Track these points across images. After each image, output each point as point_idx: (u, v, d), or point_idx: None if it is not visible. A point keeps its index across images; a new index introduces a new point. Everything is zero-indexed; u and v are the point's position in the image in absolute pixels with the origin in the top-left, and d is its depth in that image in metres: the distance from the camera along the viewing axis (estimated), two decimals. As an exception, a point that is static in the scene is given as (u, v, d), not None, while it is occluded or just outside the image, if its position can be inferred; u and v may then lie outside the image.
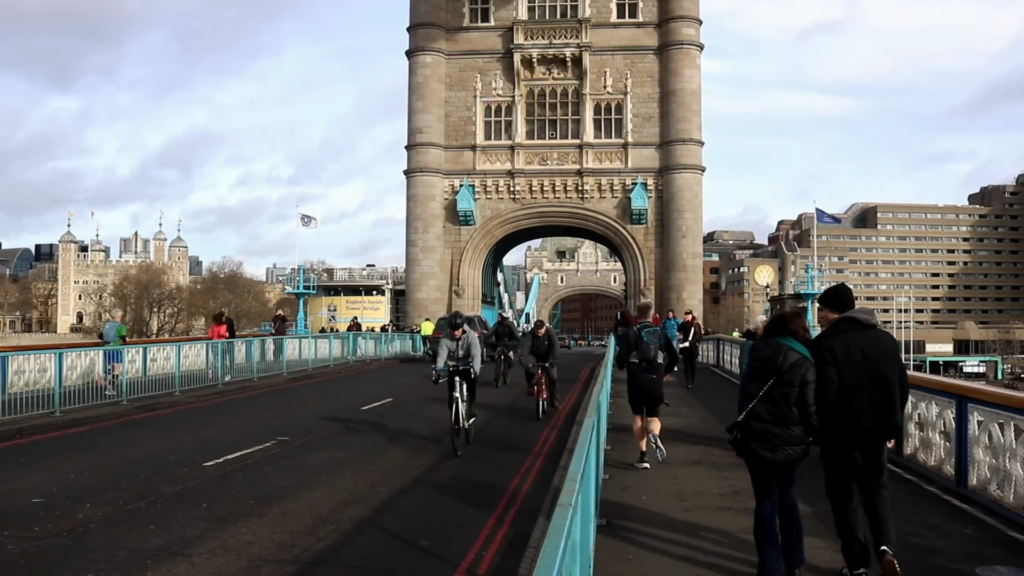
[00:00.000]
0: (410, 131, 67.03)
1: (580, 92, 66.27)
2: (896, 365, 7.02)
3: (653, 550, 7.87)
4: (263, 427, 16.37)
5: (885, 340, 7.15)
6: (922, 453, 11.50)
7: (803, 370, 6.80)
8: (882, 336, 7.18)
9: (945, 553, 7.89)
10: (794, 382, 6.77)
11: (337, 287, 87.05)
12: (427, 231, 66.34)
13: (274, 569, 7.62)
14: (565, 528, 3.55)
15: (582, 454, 5.30)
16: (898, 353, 7.26)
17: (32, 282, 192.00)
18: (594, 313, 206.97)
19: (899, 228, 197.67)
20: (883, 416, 6.88)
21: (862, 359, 6.82)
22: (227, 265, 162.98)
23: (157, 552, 8.04)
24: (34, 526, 8.89)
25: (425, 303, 65.91)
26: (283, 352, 31.10)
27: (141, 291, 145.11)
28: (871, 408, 6.82)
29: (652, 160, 65.33)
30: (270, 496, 10.43)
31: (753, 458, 6.88)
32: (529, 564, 7.02)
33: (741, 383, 7.53)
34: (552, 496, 9.44)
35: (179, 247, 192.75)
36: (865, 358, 6.83)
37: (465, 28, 67.00)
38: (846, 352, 6.87)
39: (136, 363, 22.21)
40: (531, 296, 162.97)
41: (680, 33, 64.96)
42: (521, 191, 66.23)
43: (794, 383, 6.77)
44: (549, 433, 16.59)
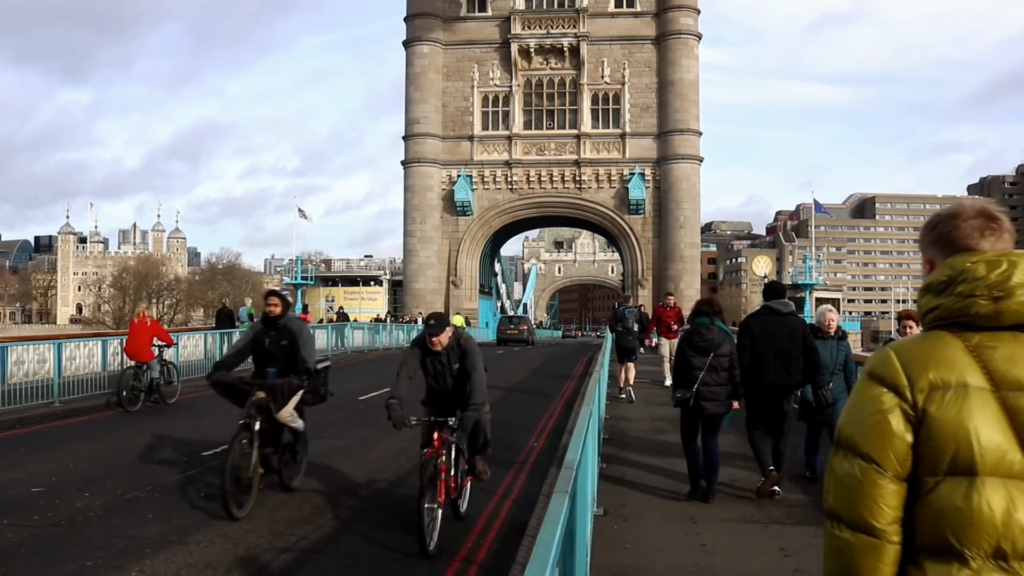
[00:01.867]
0: (407, 121, 67.02)
1: (578, 82, 66.24)
2: (799, 344, 9.43)
3: (651, 537, 7.91)
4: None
5: (793, 323, 9.63)
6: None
7: (730, 344, 9.40)
8: (793, 321, 9.70)
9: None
10: (725, 354, 9.27)
11: (335, 278, 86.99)
12: (425, 222, 66.38)
13: (271, 557, 7.65)
14: (561, 516, 3.56)
15: (578, 442, 5.31)
16: (803, 334, 9.56)
17: (32, 274, 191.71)
18: (592, 304, 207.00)
19: (897, 219, 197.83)
20: (782, 379, 9.42)
21: (772, 336, 9.33)
22: (225, 256, 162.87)
23: (155, 540, 8.06)
24: (33, 515, 8.91)
25: (423, 294, 65.98)
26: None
27: (140, 282, 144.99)
28: (773, 372, 9.36)
29: (650, 150, 65.33)
30: (266, 486, 10.44)
31: (696, 413, 9.29)
32: (526, 552, 7.04)
33: (678, 358, 9.69)
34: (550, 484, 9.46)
35: (177, 238, 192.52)
36: (774, 336, 9.34)
37: (462, 18, 66.95)
38: (760, 330, 9.49)
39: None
40: (529, 287, 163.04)
41: (678, 23, 64.92)
42: (519, 181, 66.23)
43: (725, 354, 9.27)
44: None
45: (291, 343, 9.78)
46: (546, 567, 2.90)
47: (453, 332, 8.52)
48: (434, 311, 9.56)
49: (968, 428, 2.19)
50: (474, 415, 8.15)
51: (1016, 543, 2.14)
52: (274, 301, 10.10)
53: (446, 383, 8.64)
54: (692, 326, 9.75)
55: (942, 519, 2.20)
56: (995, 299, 2.27)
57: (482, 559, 7.73)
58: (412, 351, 8.61)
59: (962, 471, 2.20)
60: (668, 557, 7.43)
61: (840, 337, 10.25)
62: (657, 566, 7.16)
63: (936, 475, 2.23)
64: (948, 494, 2.20)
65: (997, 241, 2.42)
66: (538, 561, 2.93)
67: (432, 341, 8.35)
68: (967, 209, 2.52)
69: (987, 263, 2.33)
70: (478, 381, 8.35)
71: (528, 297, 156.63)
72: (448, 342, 8.43)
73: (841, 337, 10.23)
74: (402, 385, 8.37)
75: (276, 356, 9.80)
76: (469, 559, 7.70)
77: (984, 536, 2.16)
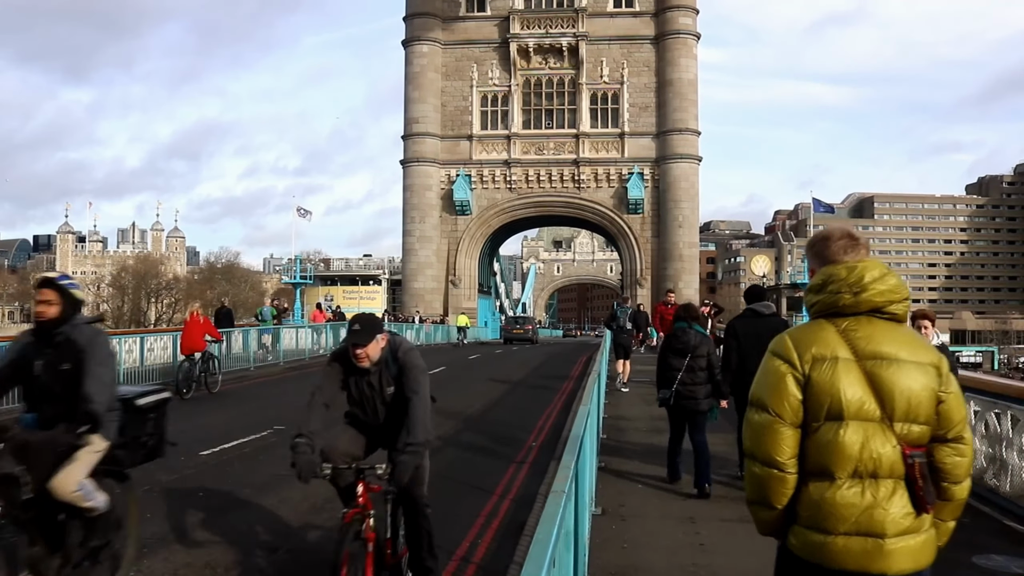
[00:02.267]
0: (406, 121, 67.01)
1: (577, 82, 66.24)
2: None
3: (649, 536, 7.90)
4: (259, 416, 16.38)
5: (775, 324, 9.68)
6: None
7: (707, 346, 9.92)
8: (775, 321, 10.08)
9: (940, 541, 7.91)
10: (702, 355, 9.76)
11: (334, 277, 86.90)
12: (424, 221, 66.35)
13: (270, 557, 7.64)
14: (558, 516, 3.55)
15: (576, 442, 5.30)
16: None
17: (30, 273, 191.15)
18: (591, 303, 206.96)
19: (896, 218, 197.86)
20: None
21: (755, 337, 9.18)
22: (224, 255, 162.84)
23: (153, 540, 8.04)
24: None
25: (422, 293, 65.97)
26: (280, 342, 31.10)
27: (139, 281, 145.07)
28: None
29: (648, 150, 65.32)
30: (266, 485, 10.43)
31: (679, 411, 9.92)
32: (524, 552, 7.02)
33: (660, 360, 10.19)
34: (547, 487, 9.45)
35: (176, 237, 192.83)
36: (757, 336, 9.11)
37: (461, 17, 66.93)
38: (744, 331, 9.75)
39: (134, 353, 22.20)
40: (528, 286, 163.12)
41: (677, 22, 64.90)
42: (518, 181, 66.23)
43: (702, 355, 9.76)
44: None
45: (75, 367, 5.77)
46: (543, 567, 2.89)
47: (388, 341, 5.98)
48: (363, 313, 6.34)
49: (838, 387, 3.22)
50: (412, 461, 5.60)
51: (867, 465, 3.19)
52: (46, 296, 5.86)
53: (376, 413, 6.10)
54: (671, 330, 10.44)
55: (821, 451, 3.23)
56: (854, 293, 3.34)
57: (480, 558, 7.71)
58: (331, 369, 5.99)
59: (834, 417, 3.22)
60: (666, 556, 7.42)
61: None
62: (655, 565, 7.15)
63: (818, 421, 3.25)
64: (825, 433, 3.23)
65: (856, 255, 3.51)
66: (535, 561, 2.92)
67: (356, 354, 5.80)
68: (836, 232, 3.63)
69: (847, 269, 3.40)
70: (419, 410, 5.77)
71: (527, 296, 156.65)
72: (380, 355, 5.90)
73: None
74: (314, 417, 5.78)
75: (51, 389, 5.84)
76: (467, 558, 7.68)
77: (847, 461, 3.20)
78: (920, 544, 3.23)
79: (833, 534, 3.20)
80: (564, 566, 4.01)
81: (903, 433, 3.23)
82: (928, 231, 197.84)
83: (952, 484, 3.30)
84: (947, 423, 3.29)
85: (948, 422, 3.29)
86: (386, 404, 6.04)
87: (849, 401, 3.20)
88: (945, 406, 3.29)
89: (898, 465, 3.21)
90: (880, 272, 3.37)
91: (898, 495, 3.20)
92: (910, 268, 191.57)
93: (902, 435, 3.22)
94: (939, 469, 3.28)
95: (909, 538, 3.20)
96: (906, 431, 3.23)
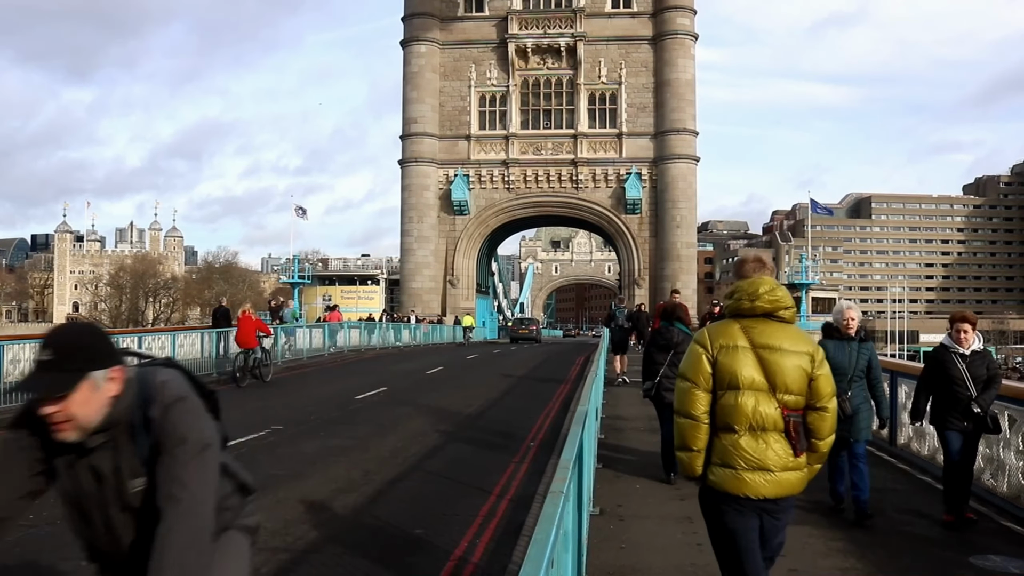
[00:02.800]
0: (405, 121, 67.03)
1: (575, 82, 66.26)
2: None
3: (647, 536, 7.91)
4: (257, 416, 16.37)
5: None
6: (915, 443, 11.53)
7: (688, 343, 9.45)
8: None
9: (938, 542, 7.94)
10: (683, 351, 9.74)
11: (332, 277, 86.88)
12: (422, 221, 66.36)
13: (267, 557, 7.62)
14: (556, 516, 3.56)
15: (575, 442, 5.31)
16: None
17: (28, 272, 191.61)
18: (589, 303, 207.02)
19: (893, 218, 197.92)
20: None
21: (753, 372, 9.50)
22: (222, 255, 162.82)
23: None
24: (29, 514, 8.88)
25: (420, 293, 65.97)
26: (277, 342, 31.07)
27: (137, 281, 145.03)
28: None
29: (646, 150, 65.36)
30: (264, 484, 10.40)
31: (662, 401, 10.43)
32: (522, 552, 7.03)
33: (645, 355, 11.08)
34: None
35: (174, 237, 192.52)
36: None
37: (460, 18, 66.94)
38: None
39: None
40: (526, 286, 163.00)
41: (674, 23, 64.93)
42: (516, 181, 66.25)
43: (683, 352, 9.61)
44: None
45: None
46: (541, 567, 2.89)
47: (127, 382, 3.06)
48: (69, 325, 3.10)
49: (736, 367, 4.49)
50: None
51: (758, 422, 4.44)
52: None
53: (112, 532, 3.17)
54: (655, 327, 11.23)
55: (726, 412, 4.50)
56: (751, 301, 4.60)
57: (478, 559, 7.71)
58: (13, 442, 3.06)
59: (734, 388, 4.49)
60: (664, 556, 7.43)
61: (862, 339, 8.90)
62: (653, 566, 7.16)
63: (722, 389, 4.52)
64: (727, 398, 4.50)
65: (761, 273, 4.78)
66: (533, 561, 2.92)
67: (50, 416, 2.93)
68: (750, 256, 5.05)
69: (748, 283, 4.67)
70: (177, 542, 2.89)
71: (525, 296, 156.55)
72: (111, 413, 3.02)
73: (863, 339, 8.92)
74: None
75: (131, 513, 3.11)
76: (465, 558, 7.69)
77: (743, 419, 4.46)
78: (795, 477, 4.54)
79: (737, 469, 4.46)
80: (562, 566, 4.02)
81: (782, 400, 4.48)
82: (926, 231, 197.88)
83: (817, 439, 4.57)
84: (817, 396, 4.54)
85: (817, 395, 4.54)
86: (131, 513, 3.10)
87: (744, 377, 4.48)
88: (816, 383, 4.54)
89: (779, 422, 4.47)
90: (770, 287, 4.61)
91: (780, 443, 4.47)
92: (907, 268, 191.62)
93: (782, 401, 4.48)
94: (809, 428, 4.54)
95: (788, 472, 4.49)
96: (784, 399, 4.48)
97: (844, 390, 8.32)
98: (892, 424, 12.28)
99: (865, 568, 7.06)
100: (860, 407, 8.64)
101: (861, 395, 8.72)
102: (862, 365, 8.69)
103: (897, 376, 12.32)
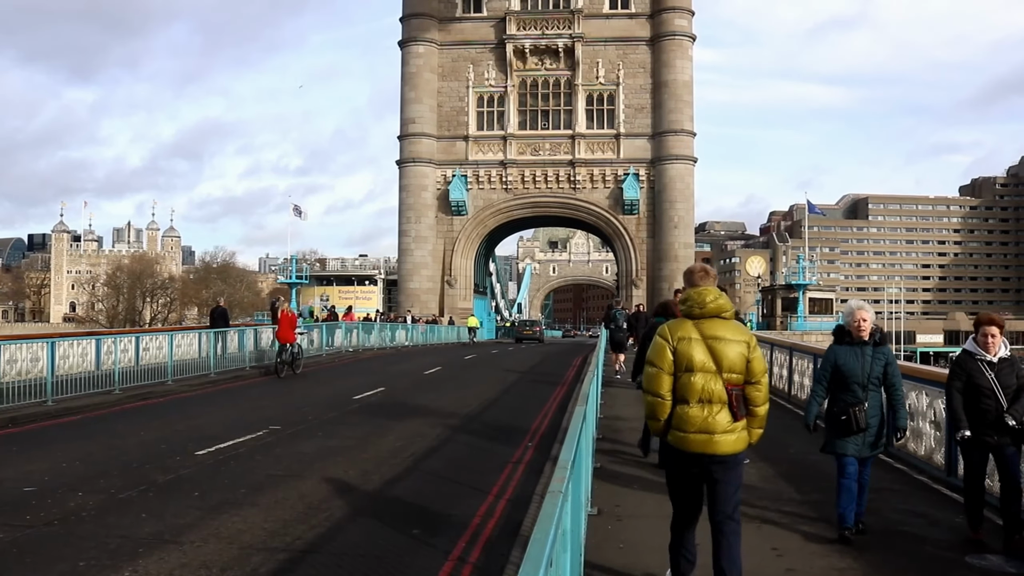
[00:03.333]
0: (403, 121, 67.07)
1: (572, 83, 66.32)
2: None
3: (645, 536, 7.92)
4: (255, 416, 16.39)
5: None
6: (912, 443, 11.53)
7: None
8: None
9: (935, 541, 7.94)
10: None
11: (329, 277, 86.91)
12: (419, 221, 66.39)
13: (266, 557, 7.64)
14: (555, 516, 3.57)
15: (573, 442, 5.32)
16: None
17: (25, 272, 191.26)
18: (586, 304, 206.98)
19: (890, 219, 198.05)
20: None
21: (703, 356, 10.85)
22: (219, 255, 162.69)
23: (149, 540, 8.05)
24: (26, 515, 8.89)
25: (417, 293, 65.99)
26: (275, 342, 31.02)
27: (134, 281, 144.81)
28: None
29: (644, 151, 65.44)
30: (262, 485, 10.43)
31: None
32: (520, 552, 7.04)
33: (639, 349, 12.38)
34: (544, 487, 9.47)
35: (172, 237, 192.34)
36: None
37: (458, 18, 66.99)
38: None
39: (129, 352, 22.20)
40: (523, 286, 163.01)
41: (672, 24, 65.01)
42: (513, 181, 66.30)
43: None
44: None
45: None
46: (540, 566, 2.90)
47: None
48: None
49: (691, 354, 5.74)
50: None
51: (706, 396, 5.70)
52: None
53: None
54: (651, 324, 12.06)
55: (682, 388, 5.75)
56: (700, 307, 5.89)
57: (476, 559, 7.73)
58: None
59: (689, 370, 5.74)
60: (662, 557, 7.41)
61: (877, 342, 7.95)
62: (651, 566, 7.16)
63: (680, 371, 5.76)
64: (684, 379, 5.74)
65: (706, 282, 6.10)
66: (532, 561, 2.93)
67: None
68: (697, 266, 6.42)
69: (697, 292, 5.98)
70: None
71: (523, 297, 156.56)
72: None
73: (878, 342, 7.96)
74: None
75: None
76: (463, 559, 7.70)
77: (695, 393, 5.72)
78: (735, 438, 5.81)
79: (688, 432, 5.79)
80: (561, 566, 4.02)
81: (727, 378, 5.79)
82: (922, 232, 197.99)
83: (755, 407, 5.87)
84: (752, 374, 5.85)
85: (752, 373, 5.86)
86: None
87: (697, 361, 5.79)
88: (751, 364, 5.85)
89: (723, 395, 5.78)
90: (714, 296, 5.96)
91: (723, 412, 5.77)
92: (904, 269, 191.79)
93: (726, 379, 5.79)
94: (747, 398, 5.84)
95: (729, 435, 5.78)
96: (728, 377, 5.79)
97: (858, 400, 7.76)
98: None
99: (861, 568, 7.07)
100: (873, 420, 7.86)
101: (877, 406, 7.92)
102: (877, 372, 7.84)
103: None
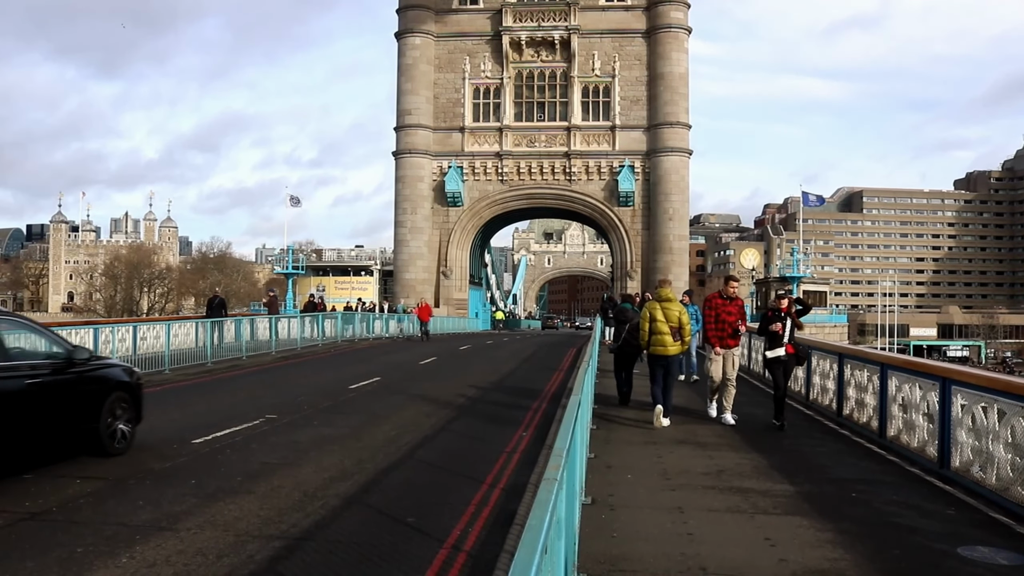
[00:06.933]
0: (399, 112, 67.03)
1: (568, 75, 66.31)
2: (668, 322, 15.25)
3: (638, 525, 7.97)
4: (251, 405, 16.42)
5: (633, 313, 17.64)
6: (905, 435, 11.60)
7: (636, 319, 16.00)
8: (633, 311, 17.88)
9: (927, 533, 7.99)
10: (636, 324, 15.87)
11: (326, 267, 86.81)
12: (415, 212, 66.40)
13: (261, 544, 7.67)
14: (550, 503, 3.60)
15: (567, 430, 5.35)
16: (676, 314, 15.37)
17: (23, 262, 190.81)
18: (581, 295, 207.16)
19: (885, 212, 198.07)
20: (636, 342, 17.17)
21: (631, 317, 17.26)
22: (216, 245, 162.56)
23: (145, 527, 8.09)
24: (25, 501, 8.93)
25: (413, 283, 66.01)
26: (272, 331, 31.09)
27: (131, 271, 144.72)
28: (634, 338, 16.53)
29: (639, 143, 65.48)
30: (258, 473, 10.47)
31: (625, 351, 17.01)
32: (514, 540, 7.08)
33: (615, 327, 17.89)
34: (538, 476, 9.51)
35: (169, 227, 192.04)
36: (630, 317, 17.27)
37: (454, 10, 66.92)
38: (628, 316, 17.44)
39: (126, 342, 22.25)
40: (518, 278, 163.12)
41: (668, 16, 65.00)
42: (509, 173, 66.30)
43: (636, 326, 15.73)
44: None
45: None
46: (535, 553, 2.94)
47: None
48: None
49: (656, 315, 14.35)
50: None
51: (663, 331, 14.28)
52: None
53: None
54: (618, 309, 18.69)
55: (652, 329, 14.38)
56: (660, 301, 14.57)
57: (470, 547, 7.77)
58: None
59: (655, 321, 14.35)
60: (655, 546, 7.48)
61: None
62: (644, 555, 7.21)
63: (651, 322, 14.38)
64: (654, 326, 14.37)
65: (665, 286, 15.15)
66: (528, 546, 2.96)
67: None
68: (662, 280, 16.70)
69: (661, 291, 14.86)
70: None
71: (518, 288, 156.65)
72: None
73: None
74: None
75: None
76: (457, 547, 7.74)
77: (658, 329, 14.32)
78: (675, 349, 14.23)
79: (654, 345, 14.23)
80: (556, 554, 4.05)
81: (672, 324, 14.17)
82: (916, 226, 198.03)
83: (684, 336, 14.29)
84: (680, 323, 14.22)
85: (680, 323, 14.21)
86: None
87: (659, 318, 14.20)
88: (680, 318, 14.24)
89: (668, 331, 14.13)
90: (667, 292, 14.70)
91: (670, 336, 14.13)
92: (898, 262, 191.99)
93: (672, 325, 14.17)
94: (680, 331, 14.19)
95: (672, 346, 14.17)
96: (673, 324, 14.17)
97: None
98: (882, 416, 12.39)
99: (854, 559, 7.11)
100: None
101: None
102: None
103: (887, 369, 12.39)
